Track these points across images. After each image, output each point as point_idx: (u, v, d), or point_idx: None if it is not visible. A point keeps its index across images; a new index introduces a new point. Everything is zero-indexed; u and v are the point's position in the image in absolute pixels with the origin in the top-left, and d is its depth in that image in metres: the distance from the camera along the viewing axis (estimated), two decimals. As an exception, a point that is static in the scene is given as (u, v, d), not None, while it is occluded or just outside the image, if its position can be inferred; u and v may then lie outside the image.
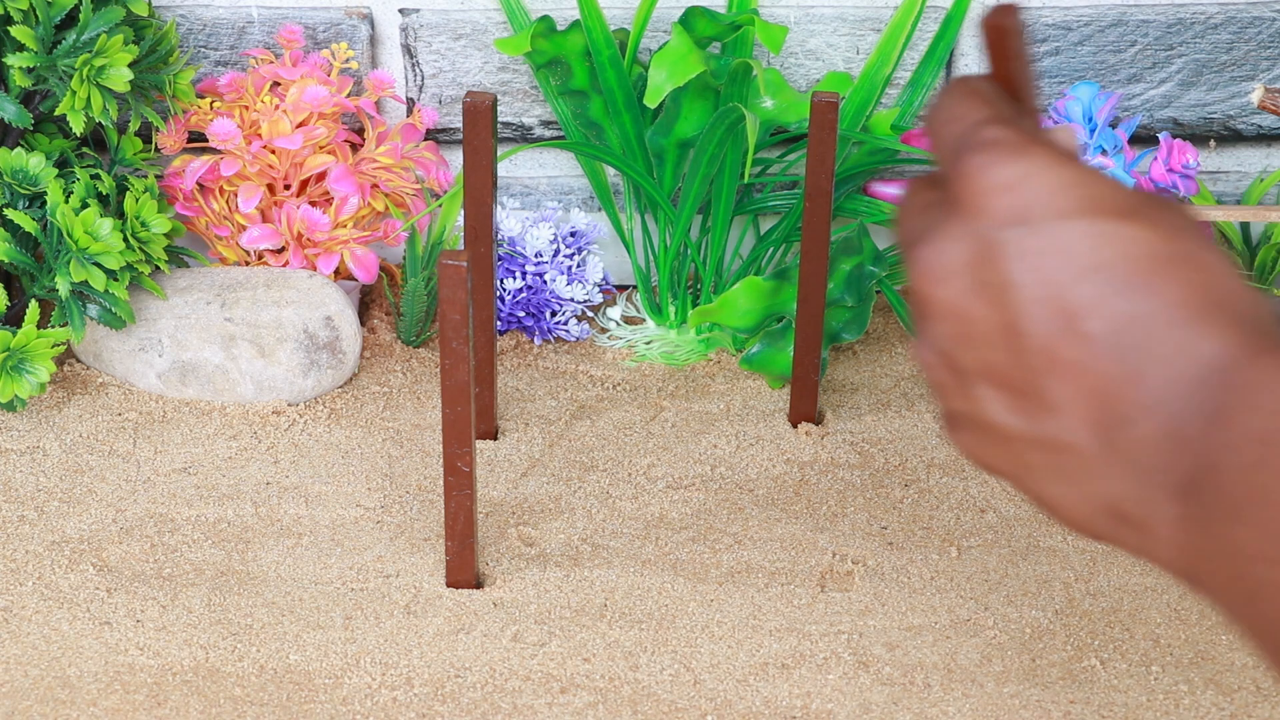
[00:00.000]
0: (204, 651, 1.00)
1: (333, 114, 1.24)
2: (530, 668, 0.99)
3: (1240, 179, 1.33)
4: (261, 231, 1.24)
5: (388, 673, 0.98)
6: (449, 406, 0.97)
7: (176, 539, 1.08)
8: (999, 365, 0.60)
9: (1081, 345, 0.58)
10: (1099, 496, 0.59)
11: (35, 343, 1.14)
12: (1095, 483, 0.59)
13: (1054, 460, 0.60)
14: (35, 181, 1.16)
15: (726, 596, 1.04)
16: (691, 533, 1.09)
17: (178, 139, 1.24)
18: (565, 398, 1.22)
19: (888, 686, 0.98)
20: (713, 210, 1.25)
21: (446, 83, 1.29)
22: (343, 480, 1.13)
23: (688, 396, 1.22)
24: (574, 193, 1.32)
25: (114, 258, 1.15)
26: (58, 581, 1.05)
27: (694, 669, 0.99)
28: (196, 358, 1.19)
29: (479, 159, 1.08)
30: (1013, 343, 0.59)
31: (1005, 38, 0.63)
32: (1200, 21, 1.28)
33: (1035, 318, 0.58)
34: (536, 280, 1.25)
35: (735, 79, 1.21)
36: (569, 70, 1.24)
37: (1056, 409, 0.59)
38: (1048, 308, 0.58)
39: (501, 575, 1.05)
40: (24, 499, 1.11)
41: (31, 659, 0.99)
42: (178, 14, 1.27)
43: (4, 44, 1.17)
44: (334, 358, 1.21)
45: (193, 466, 1.14)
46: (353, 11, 1.28)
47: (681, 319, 1.28)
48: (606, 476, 1.14)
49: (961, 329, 0.60)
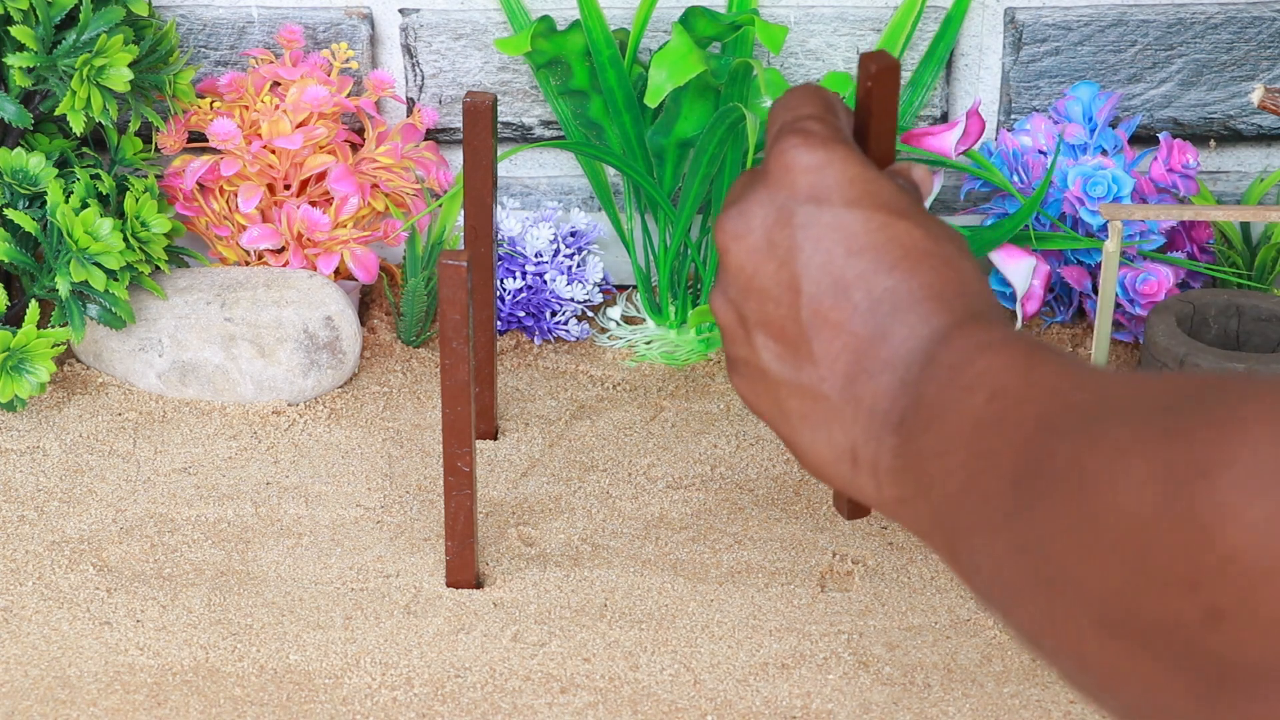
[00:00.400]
0: (204, 651, 1.00)
1: (333, 114, 1.24)
2: (530, 668, 0.99)
3: (1240, 179, 1.33)
4: (261, 231, 1.24)
5: (388, 673, 0.98)
6: (449, 406, 0.97)
7: (176, 539, 1.08)
8: (775, 317, 0.70)
9: (845, 309, 0.68)
10: (841, 441, 0.68)
11: (35, 343, 1.14)
12: (838, 427, 0.68)
13: (809, 406, 0.69)
14: (35, 181, 1.16)
15: (726, 596, 1.04)
16: (691, 532, 1.09)
17: (178, 139, 1.24)
18: (565, 398, 1.22)
19: (888, 686, 0.98)
20: (713, 210, 1.25)
21: (446, 83, 1.29)
22: (343, 480, 1.13)
23: (688, 396, 1.22)
24: (574, 193, 1.32)
25: (114, 258, 1.15)
26: (58, 581, 1.05)
27: (694, 669, 0.99)
28: (196, 358, 1.19)
29: (479, 159, 1.08)
30: (790, 299, 0.69)
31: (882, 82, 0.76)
32: (1200, 21, 1.27)
33: (812, 280, 0.69)
34: (536, 280, 1.25)
35: (735, 79, 1.21)
36: (569, 70, 1.24)
37: (817, 361, 0.69)
38: (823, 274, 0.69)
39: (501, 575, 1.05)
40: (24, 499, 1.11)
41: (31, 659, 0.99)
42: (178, 14, 1.27)
43: (4, 44, 1.17)
44: (334, 358, 1.21)
45: (193, 466, 1.14)
46: (353, 11, 1.28)
47: (681, 319, 1.28)
48: (606, 476, 1.14)
49: (750, 282, 0.70)
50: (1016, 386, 0.61)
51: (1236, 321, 1.16)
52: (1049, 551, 0.54)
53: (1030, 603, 0.56)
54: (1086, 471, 0.53)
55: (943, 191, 1.31)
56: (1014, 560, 0.57)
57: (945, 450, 0.62)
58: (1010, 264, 1.22)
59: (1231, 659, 0.48)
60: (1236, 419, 0.48)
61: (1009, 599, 0.57)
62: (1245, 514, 0.47)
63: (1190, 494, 0.48)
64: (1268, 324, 1.15)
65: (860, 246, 0.69)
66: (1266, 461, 0.47)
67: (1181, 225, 1.25)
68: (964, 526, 0.60)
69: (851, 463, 0.68)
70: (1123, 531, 0.51)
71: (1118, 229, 1.09)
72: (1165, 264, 1.23)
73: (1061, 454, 0.55)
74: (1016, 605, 0.57)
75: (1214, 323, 1.15)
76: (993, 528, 0.58)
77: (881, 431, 0.66)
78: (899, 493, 0.66)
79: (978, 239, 1.23)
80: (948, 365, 0.65)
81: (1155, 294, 1.21)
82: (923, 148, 1.23)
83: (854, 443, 0.68)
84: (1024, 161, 1.25)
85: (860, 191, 0.69)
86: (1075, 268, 1.24)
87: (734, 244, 0.71)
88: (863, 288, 0.68)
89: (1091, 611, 0.52)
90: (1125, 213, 1.12)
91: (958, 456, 0.61)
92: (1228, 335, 1.16)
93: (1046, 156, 1.24)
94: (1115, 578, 0.51)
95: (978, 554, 0.59)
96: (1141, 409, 0.53)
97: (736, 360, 0.73)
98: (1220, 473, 0.48)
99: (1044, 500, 0.55)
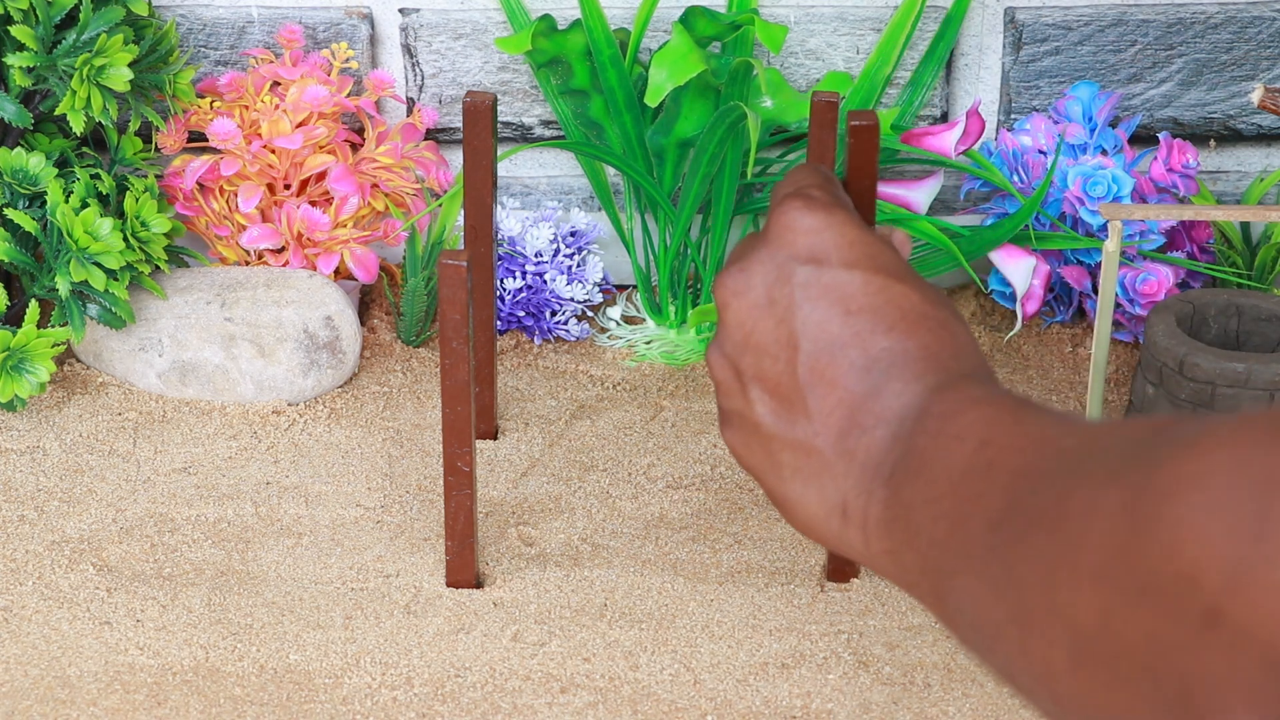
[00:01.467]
0: (204, 651, 1.00)
1: (333, 114, 1.24)
2: (530, 668, 0.99)
3: (1240, 179, 1.33)
4: (261, 231, 1.24)
5: (388, 673, 0.98)
6: (449, 406, 0.97)
7: (176, 539, 1.08)
8: (772, 372, 0.72)
9: (842, 366, 0.71)
10: (832, 495, 0.70)
11: (35, 342, 1.14)
12: (830, 481, 0.70)
13: (801, 460, 0.71)
14: (35, 181, 1.16)
15: (726, 596, 1.04)
16: (691, 532, 1.09)
17: (178, 139, 1.24)
18: (565, 398, 1.22)
19: (888, 686, 0.98)
20: (713, 210, 1.25)
21: (446, 82, 1.29)
22: (343, 480, 1.13)
23: (688, 396, 1.22)
24: (574, 193, 1.32)
25: (114, 257, 1.15)
26: (58, 581, 1.05)
27: (694, 669, 0.99)
28: (196, 357, 1.19)
29: (479, 159, 1.08)
30: (788, 355, 0.71)
31: (861, 140, 0.80)
32: (1200, 21, 1.27)
33: (810, 338, 0.71)
34: (536, 280, 1.25)
35: (735, 78, 1.21)
36: (569, 70, 1.24)
37: (811, 416, 0.71)
38: (821, 332, 0.71)
39: (501, 575, 1.05)
40: (24, 499, 1.11)
41: (31, 659, 0.99)
42: (178, 14, 1.27)
43: (4, 44, 1.17)
44: (334, 357, 1.21)
45: (193, 466, 1.14)
46: (353, 11, 1.28)
47: (681, 319, 1.28)
48: (606, 476, 1.14)
49: (748, 338, 0.73)
50: (1005, 435, 0.63)
51: (1236, 321, 1.16)
52: (1026, 585, 0.56)
53: (1007, 640, 0.58)
54: (1066, 508, 0.55)
55: (943, 191, 1.31)
56: (993, 599, 0.58)
57: (933, 497, 0.64)
58: (1010, 264, 1.22)
59: (1200, 676, 0.49)
60: (1197, 446, 0.51)
61: (988, 639, 0.59)
62: (1206, 530, 0.49)
63: (1156, 515, 0.50)
64: (1268, 324, 1.15)
65: (859, 307, 0.71)
66: (1223, 482, 0.49)
67: (1181, 225, 1.25)
68: (949, 569, 0.62)
69: (841, 517, 0.70)
70: (1097, 558, 0.53)
71: (1118, 229, 1.09)
72: (1165, 264, 1.23)
73: (1043, 494, 0.57)
74: (995, 643, 0.59)
75: (1214, 323, 1.15)
76: (975, 569, 0.60)
77: (872, 484, 0.68)
78: (888, 544, 0.67)
79: (978, 239, 1.23)
80: (938, 416, 0.67)
81: (1155, 294, 1.21)
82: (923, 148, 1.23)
83: (845, 497, 0.69)
84: (1024, 161, 1.25)
85: (859, 254, 0.72)
86: (1075, 268, 1.24)
87: (734, 300, 0.73)
88: (859, 347, 0.71)
89: (1064, 642, 0.54)
90: (1125, 213, 1.12)
91: (945, 503, 0.63)
92: (1228, 335, 1.16)
93: (1046, 156, 1.24)
94: (1089, 605, 0.53)
95: (961, 596, 0.61)
96: (1117, 448, 0.55)
97: (730, 413, 0.75)
98: (1182, 494, 0.50)
99: (1024, 537, 0.57)
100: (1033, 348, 1.28)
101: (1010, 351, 1.27)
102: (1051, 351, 1.27)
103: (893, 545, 0.67)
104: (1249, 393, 1.08)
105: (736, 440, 0.74)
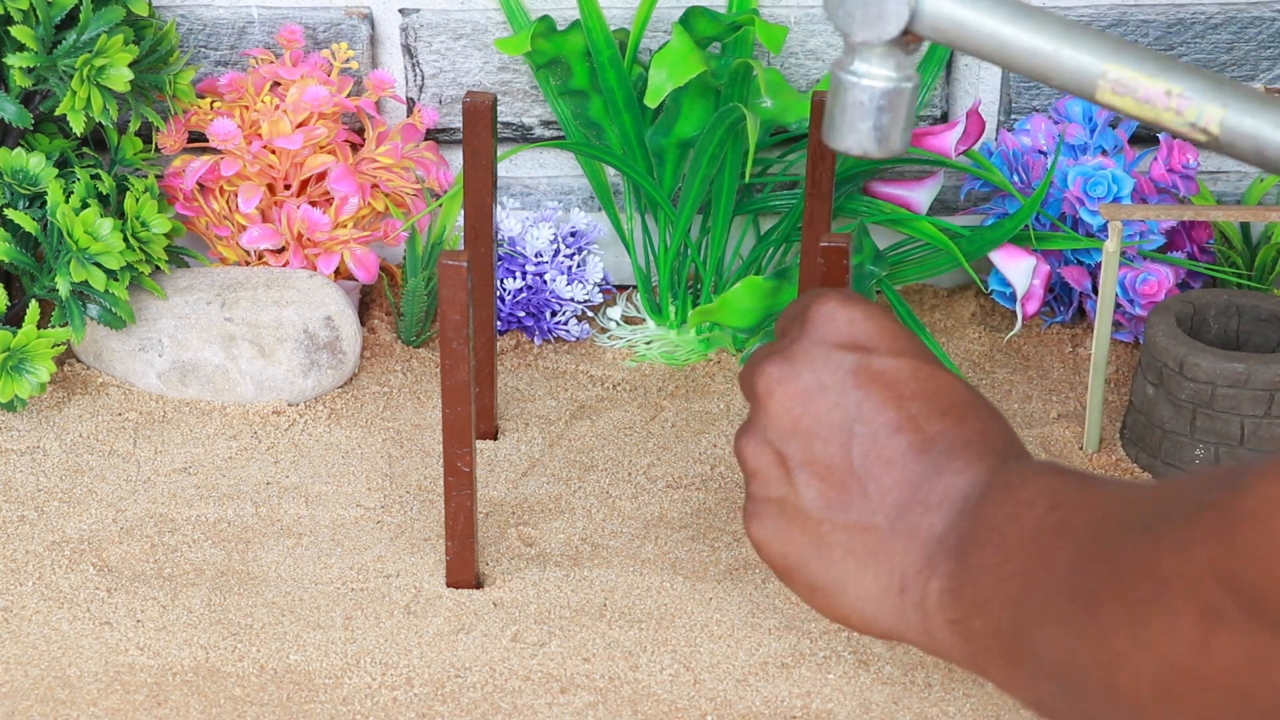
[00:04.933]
0: (204, 651, 1.00)
1: (333, 114, 1.24)
2: (530, 668, 0.99)
3: (1240, 179, 1.33)
4: (261, 231, 1.24)
5: (388, 673, 0.98)
6: (449, 406, 0.97)
7: (176, 539, 1.08)
8: (823, 456, 0.74)
9: (899, 447, 0.73)
10: (887, 572, 0.72)
11: (35, 343, 1.14)
12: (885, 559, 0.72)
13: (856, 540, 0.73)
14: (35, 181, 1.16)
15: (726, 595, 1.04)
16: (691, 532, 1.09)
17: (178, 139, 1.24)
18: (565, 398, 1.22)
19: (888, 686, 0.98)
20: (713, 210, 1.25)
21: (446, 83, 1.29)
22: (343, 480, 1.13)
23: (688, 396, 1.22)
24: (574, 193, 1.32)
25: (114, 258, 1.15)
26: (58, 581, 1.05)
27: (694, 668, 0.99)
28: (196, 358, 1.19)
29: (479, 159, 1.08)
30: (842, 438, 0.74)
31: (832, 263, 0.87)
32: (1200, 21, 1.28)
33: (865, 422, 0.74)
34: (536, 280, 1.25)
35: (735, 79, 1.21)
36: (569, 70, 1.24)
37: (869, 495, 0.73)
38: (877, 415, 0.74)
39: (501, 575, 1.05)
40: (24, 499, 1.11)
41: (31, 659, 0.99)
42: (178, 14, 1.27)
43: (4, 44, 1.17)
44: (334, 358, 1.21)
45: (193, 466, 1.14)
46: (353, 11, 1.28)
47: (681, 319, 1.28)
48: (606, 476, 1.14)
49: (796, 424, 0.75)
50: (1073, 498, 0.66)
51: (1236, 321, 1.16)
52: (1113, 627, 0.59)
53: (1094, 680, 0.60)
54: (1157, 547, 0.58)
55: (943, 192, 1.31)
56: (1079, 643, 0.61)
57: (1003, 560, 0.67)
58: (1010, 264, 1.22)
59: None
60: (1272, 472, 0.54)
61: (1073, 683, 0.61)
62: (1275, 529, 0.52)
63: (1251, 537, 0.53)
64: (1268, 324, 1.15)
65: (911, 393, 0.74)
66: None
67: (1181, 225, 1.25)
68: (1027, 623, 0.64)
69: (899, 594, 0.72)
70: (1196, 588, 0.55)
71: (1118, 229, 1.09)
72: (1165, 264, 1.23)
73: (1125, 540, 0.60)
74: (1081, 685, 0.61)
75: (1214, 323, 1.15)
76: (1056, 618, 0.62)
77: (935, 557, 0.71)
78: (954, 614, 0.69)
79: (978, 239, 1.23)
80: (1004, 487, 0.70)
81: (1155, 294, 1.21)
82: (923, 148, 1.23)
83: (904, 573, 0.72)
84: (1024, 161, 1.25)
85: (903, 344, 0.76)
86: (1075, 268, 1.25)
87: (779, 387, 0.75)
88: (916, 430, 0.73)
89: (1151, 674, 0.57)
90: (1125, 213, 1.12)
91: (1016, 563, 0.66)
92: (1228, 335, 1.16)
93: (1046, 156, 1.24)
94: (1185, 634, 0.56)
95: (1043, 646, 0.63)
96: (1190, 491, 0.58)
97: (768, 501, 0.76)
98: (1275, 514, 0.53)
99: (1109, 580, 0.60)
100: (1033, 348, 1.28)
101: (1010, 351, 1.27)
102: (1051, 351, 1.27)
103: (959, 614, 0.69)
104: (1249, 393, 1.08)
105: (772, 528, 0.76)
